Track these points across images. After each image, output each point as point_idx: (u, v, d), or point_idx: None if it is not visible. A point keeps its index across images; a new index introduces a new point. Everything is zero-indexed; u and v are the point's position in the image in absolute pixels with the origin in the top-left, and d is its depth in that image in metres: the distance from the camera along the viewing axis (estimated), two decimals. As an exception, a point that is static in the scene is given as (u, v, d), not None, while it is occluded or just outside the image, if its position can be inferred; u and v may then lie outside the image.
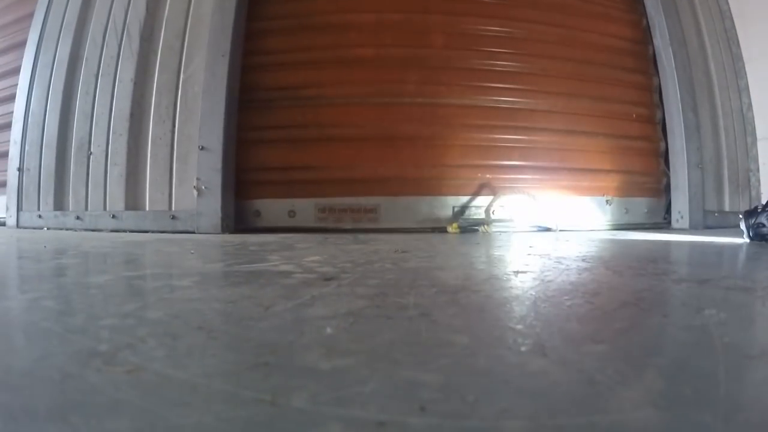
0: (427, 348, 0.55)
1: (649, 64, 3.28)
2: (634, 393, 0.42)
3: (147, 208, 2.81)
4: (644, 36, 3.30)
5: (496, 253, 1.63)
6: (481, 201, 2.83)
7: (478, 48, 2.92)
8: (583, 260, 1.37)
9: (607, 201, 3.05)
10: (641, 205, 3.18)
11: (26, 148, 3.22)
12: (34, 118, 3.20)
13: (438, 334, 0.62)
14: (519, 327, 0.65)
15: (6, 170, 3.32)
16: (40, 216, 3.12)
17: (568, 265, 1.25)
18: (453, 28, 2.92)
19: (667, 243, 2.07)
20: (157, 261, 1.47)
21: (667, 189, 3.21)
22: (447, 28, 2.91)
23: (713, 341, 0.57)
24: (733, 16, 3.55)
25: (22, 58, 3.34)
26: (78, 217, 2.97)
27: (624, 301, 0.81)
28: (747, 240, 1.99)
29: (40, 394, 0.42)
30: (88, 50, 3.05)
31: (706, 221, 3.11)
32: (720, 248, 1.83)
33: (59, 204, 3.07)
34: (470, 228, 2.74)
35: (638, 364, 0.50)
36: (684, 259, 1.55)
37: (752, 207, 2.22)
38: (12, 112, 3.32)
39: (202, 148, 2.67)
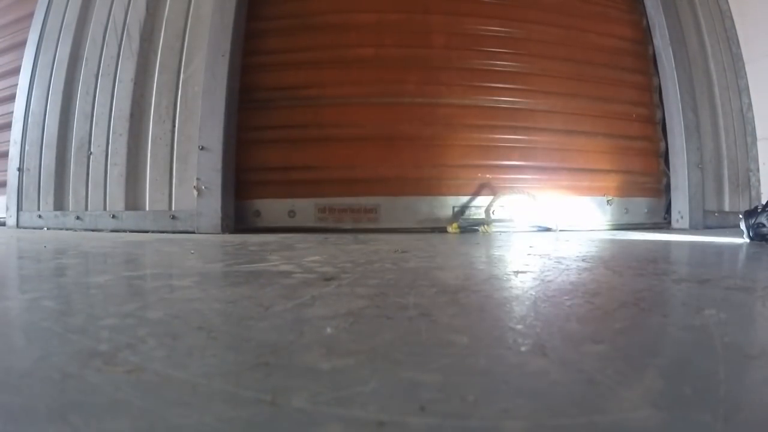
0: (427, 348, 0.55)
1: (649, 64, 3.28)
2: (634, 393, 0.42)
3: (147, 208, 2.81)
4: (644, 36, 3.30)
5: (496, 253, 1.63)
6: (481, 201, 2.83)
7: (479, 48, 2.92)
8: (583, 260, 1.37)
9: (608, 201, 3.05)
10: (641, 205, 3.18)
11: (26, 148, 3.22)
12: (34, 118, 3.20)
13: (438, 334, 0.62)
14: (519, 327, 0.65)
15: (6, 170, 3.32)
16: (40, 216, 3.11)
17: (568, 265, 1.24)
18: (453, 28, 2.92)
19: (667, 243, 2.07)
20: (157, 261, 1.47)
21: (667, 189, 3.21)
22: (447, 28, 2.91)
23: (713, 341, 0.57)
24: (733, 16, 3.54)
25: (22, 58, 3.34)
26: (78, 217, 2.97)
27: (624, 301, 0.81)
28: (747, 240, 1.99)
29: (40, 394, 0.42)
30: (88, 50, 3.05)
31: (706, 221, 3.11)
32: (720, 248, 1.83)
33: (59, 204, 3.07)
34: (470, 228, 2.74)
35: (638, 364, 0.50)
36: (684, 259, 1.55)
37: (752, 207, 2.22)
38: (12, 112, 3.32)
39: (202, 148, 2.67)
